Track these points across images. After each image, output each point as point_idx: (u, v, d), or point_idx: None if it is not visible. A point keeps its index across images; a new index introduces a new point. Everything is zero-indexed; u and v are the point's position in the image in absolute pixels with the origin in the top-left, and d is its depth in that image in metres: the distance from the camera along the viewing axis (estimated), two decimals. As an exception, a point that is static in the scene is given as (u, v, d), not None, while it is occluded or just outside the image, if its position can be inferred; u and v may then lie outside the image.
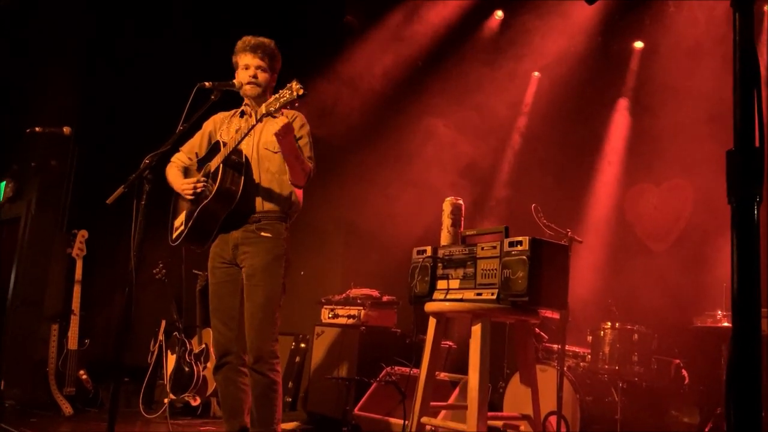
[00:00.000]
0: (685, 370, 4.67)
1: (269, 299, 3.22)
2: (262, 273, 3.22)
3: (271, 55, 3.38)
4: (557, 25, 5.97)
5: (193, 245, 3.39)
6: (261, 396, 3.20)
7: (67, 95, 5.72)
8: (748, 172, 1.08)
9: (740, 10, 1.12)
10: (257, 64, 3.35)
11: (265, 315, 3.20)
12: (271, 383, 3.19)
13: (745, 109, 1.10)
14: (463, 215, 3.16)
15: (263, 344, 3.19)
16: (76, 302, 4.93)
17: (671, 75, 5.59)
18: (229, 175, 3.18)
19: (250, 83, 3.34)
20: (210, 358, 5.00)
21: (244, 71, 3.36)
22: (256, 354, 3.19)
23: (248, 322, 3.22)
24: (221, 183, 3.15)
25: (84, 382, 4.94)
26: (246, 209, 3.26)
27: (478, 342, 2.79)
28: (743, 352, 1.05)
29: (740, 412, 1.04)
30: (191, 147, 3.56)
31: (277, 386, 3.21)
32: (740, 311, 1.06)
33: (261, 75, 3.35)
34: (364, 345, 4.69)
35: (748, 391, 1.04)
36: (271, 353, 3.20)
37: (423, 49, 6.51)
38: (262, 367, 3.18)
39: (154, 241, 4.76)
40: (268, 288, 3.22)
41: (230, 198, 3.18)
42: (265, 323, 3.20)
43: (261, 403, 3.20)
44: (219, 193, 3.15)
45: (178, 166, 3.51)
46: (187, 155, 3.56)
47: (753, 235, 1.07)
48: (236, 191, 3.17)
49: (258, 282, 3.23)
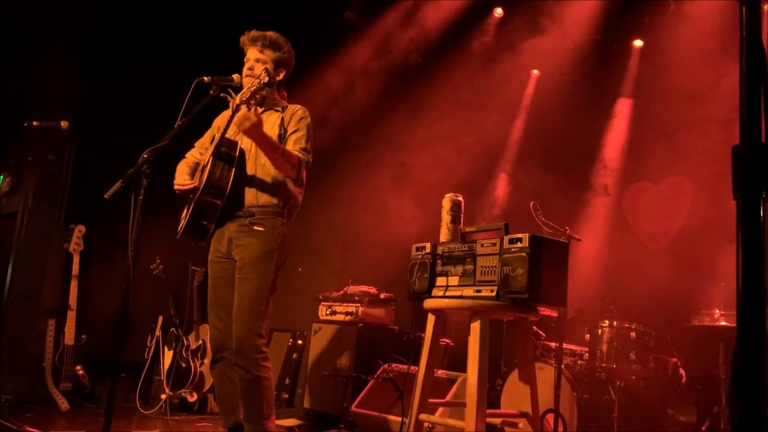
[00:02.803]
0: (682, 369, 4.68)
1: (256, 293, 3.18)
2: (251, 266, 3.21)
3: (274, 48, 3.34)
4: (557, 23, 5.96)
5: (192, 239, 3.38)
6: (245, 392, 3.17)
7: (64, 89, 5.69)
8: (755, 168, 1.07)
9: (747, 4, 1.11)
10: (256, 57, 3.33)
11: (249, 308, 3.16)
12: (255, 379, 3.13)
13: (751, 104, 1.09)
14: (462, 212, 3.15)
15: (245, 338, 3.13)
16: (73, 297, 4.91)
17: (670, 73, 5.59)
18: (219, 167, 3.17)
19: (247, 76, 3.31)
20: (207, 354, 4.99)
21: (245, 64, 3.35)
22: (237, 347, 3.15)
23: (234, 316, 3.19)
24: (209, 176, 3.14)
25: (80, 377, 4.93)
26: (239, 202, 3.24)
27: (477, 339, 2.78)
28: (748, 350, 1.04)
29: (745, 411, 1.03)
30: (202, 143, 3.57)
31: (262, 381, 3.14)
32: (745, 308, 1.05)
33: (258, 67, 3.32)
34: (362, 342, 4.68)
35: (752, 389, 1.03)
36: (253, 348, 3.14)
37: (422, 45, 6.50)
38: (244, 361, 3.13)
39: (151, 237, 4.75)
40: (255, 281, 3.19)
41: (220, 190, 3.16)
42: (249, 316, 3.15)
43: (246, 400, 3.17)
44: (207, 186, 3.14)
45: (188, 162, 3.51)
46: (199, 150, 3.57)
47: (759, 232, 1.06)
48: (226, 183, 3.16)
49: (246, 275, 3.21)
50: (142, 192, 2.78)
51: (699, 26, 5.34)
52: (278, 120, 3.35)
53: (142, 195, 2.78)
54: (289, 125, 3.33)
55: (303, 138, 3.31)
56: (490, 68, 6.33)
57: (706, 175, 5.09)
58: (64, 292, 5.07)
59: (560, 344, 4.01)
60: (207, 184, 3.14)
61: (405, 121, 6.28)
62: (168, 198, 3.57)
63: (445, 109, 6.25)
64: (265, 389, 3.16)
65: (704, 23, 5.31)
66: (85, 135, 5.59)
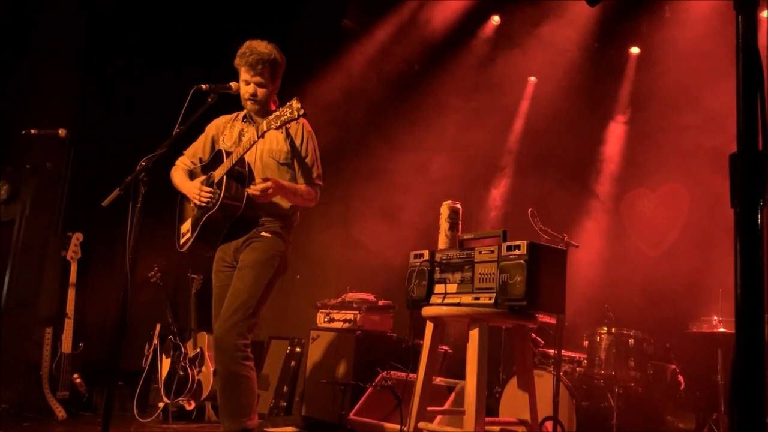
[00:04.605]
0: (681, 376, 4.67)
1: (248, 294, 3.20)
2: (249, 268, 3.25)
3: (271, 67, 3.36)
4: (553, 30, 5.98)
5: (199, 252, 3.42)
6: (222, 389, 3.18)
7: (62, 97, 5.69)
8: (752, 176, 1.07)
9: (743, 12, 1.11)
10: (257, 81, 3.36)
11: (237, 307, 3.18)
12: (232, 375, 3.13)
13: (748, 112, 1.09)
14: (460, 219, 3.15)
15: (226, 336, 3.14)
16: (71, 305, 4.90)
17: (667, 80, 5.60)
18: (233, 186, 3.24)
19: (250, 100, 3.38)
20: (205, 362, 4.98)
21: (244, 86, 3.38)
22: (217, 344, 3.16)
23: (221, 311, 3.22)
24: (225, 195, 3.20)
25: (78, 385, 4.91)
26: (250, 218, 3.30)
27: (476, 346, 2.78)
28: (747, 357, 1.04)
29: (744, 418, 1.03)
30: (195, 151, 3.59)
31: (241, 378, 3.13)
32: (744, 316, 1.05)
33: (261, 91, 3.37)
34: (360, 349, 4.67)
35: (752, 397, 1.03)
36: (234, 347, 3.13)
37: (419, 54, 6.52)
38: (222, 358, 3.14)
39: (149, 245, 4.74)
40: (249, 282, 3.22)
41: (234, 209, 3.24)
42: (235, 316, 3.16)
43: (224, 396, 3.18)
44: (223, 206, 3.21)
45: (183, 170, 3.53)
46: (190, 159, 3.59)
47: (756, 239, 1.06)
48: (240, 203, 3.23)
49: (242, 275, 3.24)
50: (139, 200, 2.79)
51: (695, 32, 5.36)
52: (283, 134, 3.38)
53: (140, 203, 2.78)
54: (295, 141, 3.37)
55: (315, 166, 3.40)
56: (488, 75, 6.35)
57: (704, 181, 5.09)
58: (61, 300, 5.06)
59: (559, 351, 4.00)
60: (222, 204, 3.20)
61: (403, 127, 6.28)
62: (166, 206, 3.57)
63: (443, 115, 6.26)
64: (243, 386, 3.15)
65: (701, 29, 5.33)
66: (83, 143, 5.59)
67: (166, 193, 3.54)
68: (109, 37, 5.78)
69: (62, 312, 4.95)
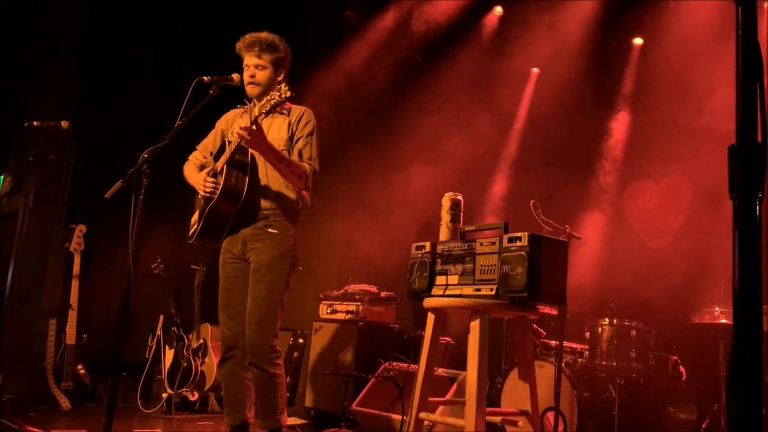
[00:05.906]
0: (682, 367, 4.68)
1: (271, 295, 3.25)
2: (266, 269, 3.26)
3: (271, 50, 3.35)
4: (556, 21, 5.96)
5: (206, 243, 3.43)
6: (261, 388, 3.24)
7: (65, 89, 5.69)
8: (751, 168, 1.07)
9: (743, 3, 1.11)
10: (255, 63, 3.35)
11: (265, 311, 3.23)
12: (271, 376, 3.22)
13: (747, 104, 1.09)
14: (462, 211, 3.16)
15: (262, 340, 3.21)
16: (74, 297, 4.92)
17: (670, 71, 5.59)
18: (234, 175, 3.24)
19: (250, 83, 3.37)
20: (208, 353, 5.00)
21: (245, 71, 3.37)
22: (253, 349, 3.22)
23: (248, 317, 3.25)
24: (225, 183, 3.20)
25: (82, 376, 4.93)
26: (253, 207, 3.30)
27: (477, 338, 2.78)
28: (745, 349, 1.05)
29: (742, 410, 1.03)
30: (205, 146, 3.61)
31: (277, 378, 3.24)
32: (742, 307, 1.06)
33: (260, 74, 3.35)
34: (363, 340, 4.69)
35: (749, 388, 1.04)
36: (269, 348, 3.22)
37: (422, 45, 6.50)
38: (260, 361, 3.21)
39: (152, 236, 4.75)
40: (270, 284, 3.25)
41: (236, 197, 3.23)
42: (264, 319, 3.22)
43: (262, 396, 3.25)
44: (224, 193, 3.21)
45: (194, 164, 3.54)
46: (202, 153, 3.60)
47: (755, 231, 1.06)
48: (241, 191, 3.23)
49: (261, 277, 3.26)
50: (142, 191, 2.79)
51: (699, 24, 5.34)
52: (285, 123, 3.37)
53: (143, 194, 2.79)
54: (296, 130, 3.35)
55: (308, 147, 3.35)
56: (491, 66, 6.33)
57: (706, 172, 5.08)
58: (65, 291, 5.08)
59: (560, 342, 4.01)
60: (223, 191, 3.20)
61: (405, 119, 6.28)
62: (169, 197, 3.58)
63: (445, 106, 6.24)
64: (279, 386, 3.25)
65: (704, 21, 5.31)
66: (86, 135, 5.60)
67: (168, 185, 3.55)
68: (111, 29, 5.77)
69: (66, 304, 4.97)
